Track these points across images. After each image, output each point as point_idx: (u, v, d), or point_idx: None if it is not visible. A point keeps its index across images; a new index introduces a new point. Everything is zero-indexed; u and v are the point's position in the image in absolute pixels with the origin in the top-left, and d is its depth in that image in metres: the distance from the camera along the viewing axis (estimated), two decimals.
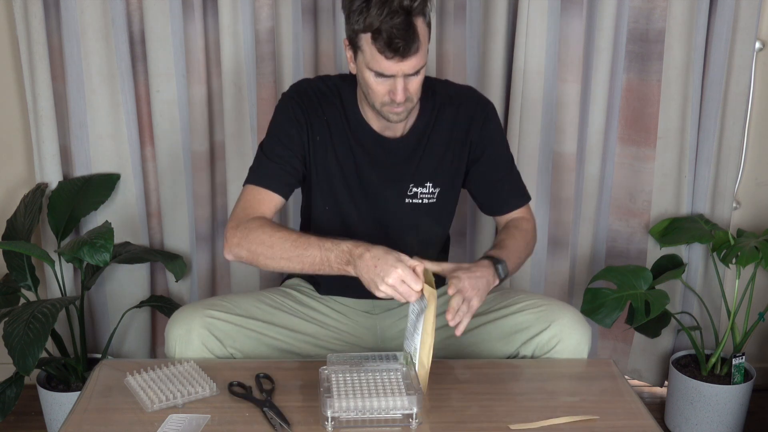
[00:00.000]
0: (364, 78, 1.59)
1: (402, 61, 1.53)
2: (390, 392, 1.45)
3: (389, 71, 1.55)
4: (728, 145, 2.38)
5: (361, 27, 1.53)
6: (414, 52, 1.53)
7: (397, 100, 1.57)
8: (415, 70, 1.56)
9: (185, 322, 1.65)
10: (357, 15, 1.53)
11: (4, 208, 2.44)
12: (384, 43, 1.51)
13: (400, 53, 1.51)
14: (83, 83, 2.25)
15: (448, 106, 1.75)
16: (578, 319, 1.69)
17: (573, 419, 1.45)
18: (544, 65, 2.26)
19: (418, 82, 1.59)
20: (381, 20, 1.49)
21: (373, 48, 1.53)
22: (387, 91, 1.58)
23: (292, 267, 1.59)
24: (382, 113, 1.64)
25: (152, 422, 1.42)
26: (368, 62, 1.56)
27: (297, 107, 1.71)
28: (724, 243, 2.27)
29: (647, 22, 2.29)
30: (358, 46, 1.57)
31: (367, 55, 1.55)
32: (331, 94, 1.73)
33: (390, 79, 1.57)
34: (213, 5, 2.25)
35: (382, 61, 1.53)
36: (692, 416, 2.35)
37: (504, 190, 1.83)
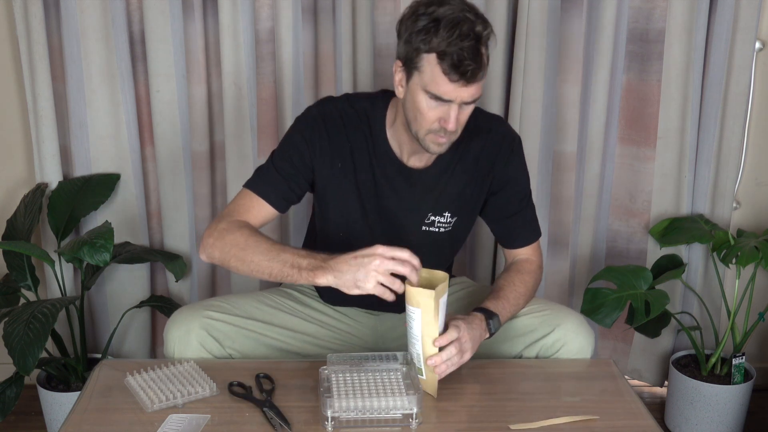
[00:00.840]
0: (416, 101, 1.53)
1: (465, 86, 1.48)
2: (390, 392, 1.45)
3: (448, 95, 1.49)
4: (728, 145, 2.38)
5: (425, 47, 1.47)
6: (479, 79, 1.49)
7: (449, 128, 1.52)
8: (473, 98, 1.51)
9: (184, 323, 1.65)
10: (423, 35, 1.48)
11: (4, 208, 2.44)
12: (451, 64, 1.46)
13: (466, 77, 1.47)
14: (83, 83, 2.25)
15: (475, 138, 1.70)
16: (582, 324, 1.70)
17: (573, 419, 1.45)
18: (544, 65, 2.26)
19: (468, 113, 1.55)
20: (450, 42, 1.45)
21: (437, 69, 1.47)
22: (438, 118, 1.53)
23: (260, 270, 1.54)
24: (423, 142, 1.57)
25: (152, 422, 1.42)
26: (426, 84, 1.50)
27: (316, 131, 1.66)
28: (724, 243, 2.27)
29: (647, 22, 2.29)
30: (417, 66, 1.51)
31: (426, 76, 1.50)
32: (358, 118, 1.67)
33: (444, 106, 1.51)
34: (213, 5, 2.25)
35: (445, 84, 1.48)
36: (692, 416, 2.35)
37: (517, 225, 1.80)
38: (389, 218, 1.72)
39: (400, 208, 1.71)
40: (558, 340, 1.67)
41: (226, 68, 2.25)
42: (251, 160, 2.32)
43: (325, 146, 1.66)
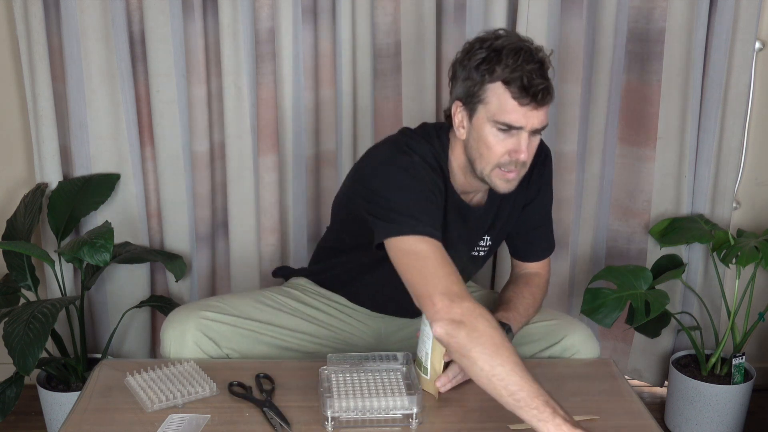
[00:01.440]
0: (482, 137, 1.50)
1: (535, 109, 1.46)
2: (390, 392, 1.45)
3: (519, 122, 1.46)
4: (728, 145, 2.38)
5: (489, 77, 1.45)
6: (549, 102, 1.47)
7: (521, 158, 1.48)
8: (542, 125, 1.49)
9: (179, 324, 1.65)
10: (485, 65, 1.46)
11: (4, 208, 2.44)
12: (520, 87, 1.43)
13: (537, 100, 1.44)
14: (83, 83, 2.25)
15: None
16: (590, 335, 1.72)
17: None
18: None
19: (536, 144, 1.52)
20: (515, 67, 1.44)
21: (506, 95, 1.45)
22: (507, 151, 1.49)
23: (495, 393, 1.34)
24: (490, 179, 1.53)
25: (152, 422, 1.42)
26: (494, 114, 1.47)
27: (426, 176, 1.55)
28: (724, 243, 2.27)
29: (647, 22, 2.29)
30: (481, 99, 1.48)
31: (493, 106, 1.47)
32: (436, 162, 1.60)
33: (513, 137, 1.48)
34: (213, 5, 2.25)
35: (515, 109, 1.45)
36: (692, 416, 2.35)
37: (536, 240, 1.80)
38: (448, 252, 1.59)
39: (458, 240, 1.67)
40: (567, 349, 1.69)
41: (226, 68, 2.25)
42: (251, 160, 2.32)
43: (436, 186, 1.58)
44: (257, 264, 2.40)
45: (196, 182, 2.37)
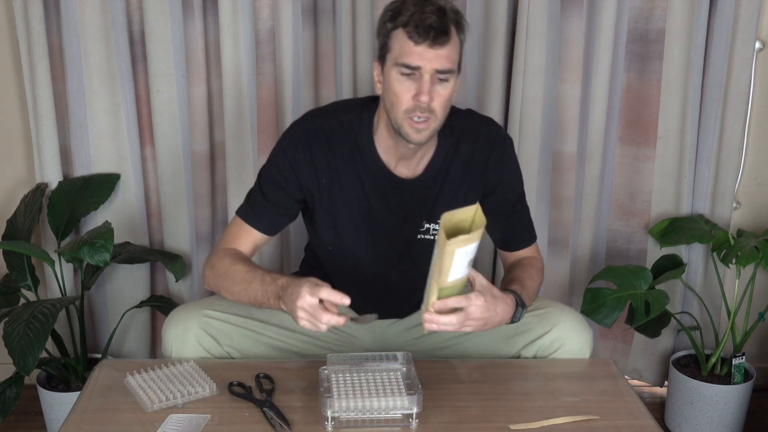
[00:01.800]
0: (390, 85, 1.54)
1: (431, 48, 1.48)
2: (390, 392, 1.45)
3: (417, 61, 1.49)
4: (728, 145, 2.38)
5: (392, 25, 1.51)
6: (443, 43, 1.49)
7: (422, 99, 1.51)
8: (443, 67, 1.51)
9: (181, 322, 1.65)
10: (390, 15, 1.52)
11: (4, 208, 2.44)
12: (415, 26, 1.48)
13: (430, 38, 1.48)
14: (83, 83, 2.25)
15: (465, 142, 1.69)
16: (580, 323, 1.70)
17: (573, 419, 1.45)
18: (544, 65, 2.26)
19: (444, 95, 1.54)
20: (414, 12, 1.49)
21: (404, 36, 1.50)
22: (412, 95, 1.53)
23: (241, 299, 1.63)
24: (402, 129, 1.56)
25: (152, 422, 1.42)
26: (396, 58, 1.52)
27: (300, 150, 1.65)
28: (724, 243, 2.27)
29: (647, 22, 2.29)
30: (389, 48, 1.53)
31: (395, 51, 1.52)
32: (344, 132, 1.66)
33: (416, 81, 1.52)
34: (213, 5, 2.25)
35: (411, 50, 1.49)
36: (692, 416, 2.35)
37: (513, 228, 1.79)
38: (382, 230, 1.71)
39: (393, 218, 1.70)
40: (556, 340, 1.66)
41: (226, 68, 2.25)
42: (251, 160, 2.32)
43: (309, 164, 1.66)
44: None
45: (196, 182, 2.37)
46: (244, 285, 1.60)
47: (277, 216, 1.71)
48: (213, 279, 1.68)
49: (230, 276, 1.63)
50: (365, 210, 1.69)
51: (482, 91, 2.36)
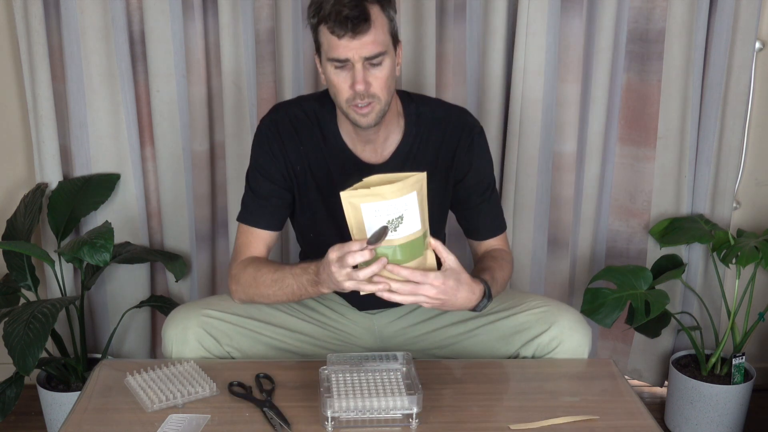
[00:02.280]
0: (328, 77, 1.57)
1: (353, 39, 1.49)
2: (390, 392, 1.45)
3: (343, 54, 1.51)
4: (728, 145, 2.38)
5: (315, 20, 1.53)
6: (365, 31, 1.49)
7: (357, 89, 1.52)
8: (372, 53, 1.51)
9: (181, 322, 1.65)
10: (313, 10, 1.54)
11: (4, 208, 2.44)
12: (333, 21, 1.49)
13: (350, 30, 1.48)
14: (83, 83, 2.25)
15: (434, 129, 1.70)
16: (579, 321, 1.70)
17: (573, 419, 1.45)
18: (544, 65, 2.26)
19: (381, 77, 1.55)
20: (332, 5, 1.49)
21: (327, 33, 1.51)
22: (348, 85, 1.54)
23: (281, 300, 1.67)
24: (350, 116, 1.58)
25: (152, 422, 1.42)
26: (326, 53, 1.54)
27: (273, 140, 1.69)
28: (724, 243, 2.27)
29: (647, 22, 2.29)
30: (320, 44, 1.56)
31: (324, 47, 1.54)
32: (308, 120, 1.69)
33: (349, 71, 1.53)
34: (213, 5, 2.25)
35: (336, 44, 1.51)
36: (692, 416, 2.35)
37: (481, 217, 1.79)
38: None
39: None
40: (555, 338, 1.66)
41: (226, 68, 2.25)
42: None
43: (282, 153, 1.69)
44: None
45: (196, 182, 2.37)
46: (278, 286, 1.63)
47: (274, 209, 1.73)
48: (242, 292, 1.70)
49: (260, 283, 1.66)
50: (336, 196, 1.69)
51: (482, 91, 2.36)
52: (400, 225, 1.38)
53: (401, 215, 1.37)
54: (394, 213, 1.37)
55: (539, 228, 2.42)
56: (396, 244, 1.40)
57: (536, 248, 2.43)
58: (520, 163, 2.35)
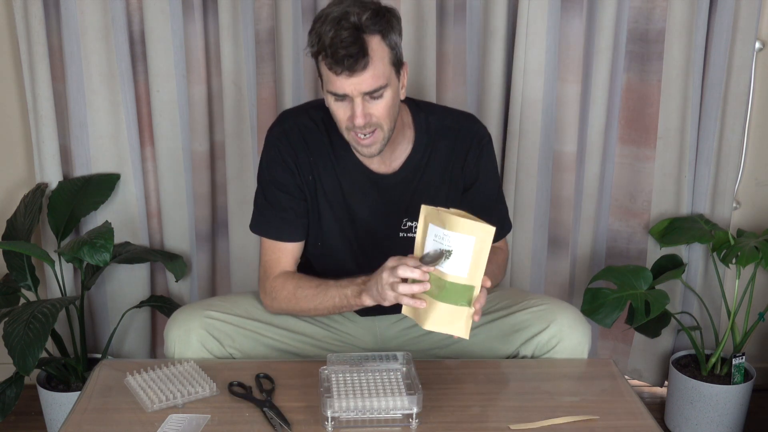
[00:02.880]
0: (329, 105, 1.56)
1: (351, 76, 1.48)
2: (390, 392, 1.45)
3: (341, 90, 1.50)
4: (728, 145, 2.38)
5: (314, 49, 1.51)
6: (363, 68, 1.47)
7: (356, 123, 1.51)
8: (371, 89, 1.50)
9: (184, 323, 1.65)
10: (311, 39, 1.51)
11: (4, 208, 2.44)
12: (330, 58, 1.47)
13: (346, 68, 1.46)
14: (83, 83, 2.25)
15: (443, 139, 1.70)
16: (578, 319, 1.69)
17: (573, 419, 1.45)
18: (544, 65, 2.26)
19: (382, 107, 1.53)
20: (330, 37, 1.46)
21: (324, 67, 1.50)
22: (347, 116, 1.54)
23: (321, 312, 1.67)
24: (352, 145, 1.58)
25: (152, 422, 1.42)
26: (326, 85, 1.53)
27: (285, 152, 1.67)
28: (724, 243, 2.27)
29: (647, 22, 2.29)
30: (319, 71, 1.54)
31: (324, 77, 1.53)
32: (317, 129, 1.68)
33: (348, 103, 1.52)
34: (213, 5, 2.25)
35: (334, 79, 1.49)
36: (692, 416, 2.35)
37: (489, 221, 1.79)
38: (364, 226, 1.72)
39: (373, 215, 1.71)
40: (554, 336, 1.66)
41: (226, 68, 2.25)
42: (251, 160, 2.32)
43: (295, 162, 1.68)
44: (257, 264, 2.40)
45: (196, 182, 2.37)
46: (319, 299, 1.64)
47: (295, 220, 1.71)
48: (282, 306, 1.71)
49: (300, 298, 1.67)
50: (344, 206, 1.70)
51: (482, 91, 2.36)
52: (446, 260, 1.39)
53: (451, 250, 1.38)
54: (446, 244, 1.38)
55: (539, 228, 2.42)
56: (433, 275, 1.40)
57: (536, 248, 2.43)
58: (520, 163, 2.35)
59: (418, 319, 1.43)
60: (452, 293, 1.39)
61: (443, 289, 1.39)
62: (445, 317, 1.40)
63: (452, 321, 1.40)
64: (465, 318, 1.40)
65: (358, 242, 1.73)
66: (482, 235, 1.36)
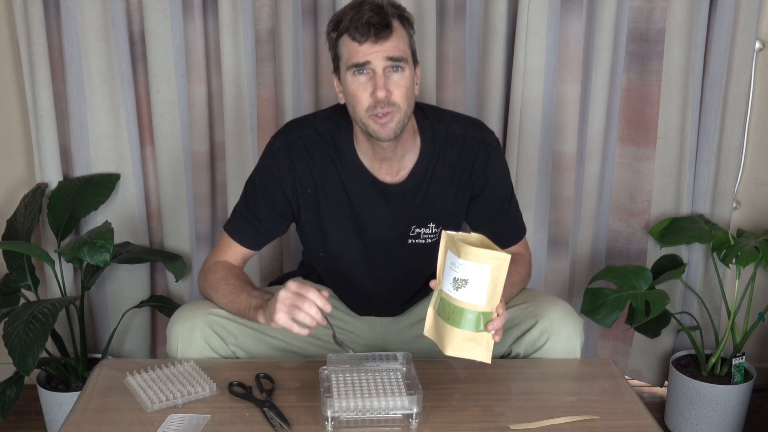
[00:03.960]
0: (347, 88, 1.57)
1: (375, 43, 1.51)
2: (390, 392, 1.45)
3: (365, 57, 1.52)
4: (728, 145, 2.38)
5: (337, 36, 1.55)
6: (387, 36, 1.51)
7: (378, 96, 1.52)
8: (395, 55, 1.52)
9: (188, 320, 1.65)
10: (332, 26, 1.56)
11: (4, 208, 2.44)
12: (355, 27, 1.51)
13: (372, 34, 1.50)
14: (83, 83, 2.25)
15: (450, 147, 1.70)
16: (567, 313, 1.69)
17: (573, 419, 1.45)
18: (544, 65, 2.26)
19: (402, 85, 1.55)
20: (353, 17, 1.52)
21: (349, 42, 1.53)
22: (369, 93, 1.54)
23: (230, 310, 1.66)
24: (369, 128, 1.57)
25: (152, 422, 1.42)
26: (347, 61, 1.54)
27: (282, 164, 1.68)
28: (724, 243, 2.27)
29: (647, 22, 2.29)
30: (339, 56, 1.56)
31: (345, 56, 1.55)
32: (323, 141, 1.68)
33: (370, 78, 1.54)
34: (213, 5, 2.25)
35: (357, 50, 1.52)
36: (692, 416, 2.35)
37: (501, 226, 1.79)
38: (370, 235, 1.72)
39: (381, 224, 1.71)
40: (544, 332, 1.66)
41: (226, 68, 2.25)
42: (251, 160, 2.32)
43: (292, 177, 1.68)
44: (257, 264, 2.40)
45: (196, 182, 2.37)
46: (231, 298, 1.64)
47: (263, 230, 1.74)
48: (205, 289, 1.73)
49: (220, 289, 1.67)
50: (352, 216, 1.70)
51: (482, 91, 2.36)
52: (463, 288, 1.39)
53: (467, 279, 1.38)
54: (462, 273, 1.39)
55: (539, 228, 2.42)
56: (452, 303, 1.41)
57: (536, 248, 2.43)
58: (520, 163, 2.35)
59: (440, 344, 1.45)
60: (471, 320, 1.41)
61: (462, 317, 1.41)
62: (465, 343, 1.42)
63: (473, 346, 1.42)
64: (485, 343, 1.43)
65: (366, 251, 1.73)
66: (497, 263, 1.38)
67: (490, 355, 1.42)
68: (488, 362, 1.42)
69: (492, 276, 1.37)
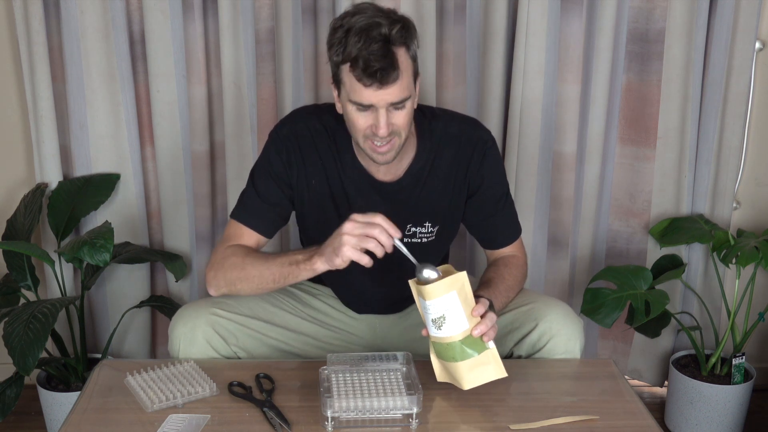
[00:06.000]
0: (348, 114, 1.56)
1: (381, 89, 1.48)
2: (390, 392, 1.46)
3: (368, 100, 1.50)
4: (728, 145, 2.38)
5: (340, 58, 1.50)
6: (393, 81, 1.48)
7: (379, 134, 1.52)
8: (398, 99, 1.51)
9: (190, 320, 1.65)
10: (337, 46, 1.51)
11: (4, 208, 2.44)
12: (361, 70, 1.47)
13: (377, 80, 1.47)
14: (83, 83, 2.25)
15: (446, 146, 1.70)
16: (567, 314, 1.69)
17: (573, 419, 1.45)
18: (544, 65, 2.26)
19: (404, 116, 1.54)
20: (359, 48, 1.46)
21: (352, 77, 1.49)
22: (369, 125, 1.53)
23: (264, 279, 1.60)
24: (366, 151, 1.58)
25: (152, 422, 1.42)
26: (349, 94, 1.52)
27: (292, 151, 1.67)
28: (724, 243, 2.27)
29: (647, 22, 2.29)
30: (340, 80, 1.54)
31: (347, 86, 1.52)
32: (327, 134, 1.68)
33: (372, 112, 1.52)
34: (213, 5, 2.25)
35: (362, 90, 1.49)
36: (692, 416, 2.35)
37: (496, 226, 1.79)
38: None
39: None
40: (544, 334, 1.66)
41: (226, 68, 2.25)
42: (251, 160, 2.31)
43: (300, 165, 1.67)
44: None
45: (196, 182, 2.37)
46: (268, 264, 1.59)
47: (275, 215, 1.72)
48: (224, 276, 1.64)
49: (248, 264, 1.62)
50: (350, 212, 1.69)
51: (482, 91, 2.36)
52: (444, 324, 1.43)
53: (443, 315, 1.42)
54: (435, 312, 1.43)
55: (539, 228, 2.42)
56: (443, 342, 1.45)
57: (536, 248, 2.43)
58: (520, 163, 2.35)
59: (456, 384, 1.48)
60: (468, 348, 1.44)
61: (458, 350, 1.44)
62: (475, 371, 1.46)
63: (483, 370, 1.46)
64: (492, 359, 1.46)
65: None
66: (459, 285, 1.42)
67: (502, 367, 1.46)
68: (505, 375, 1.46)
69: (461, 298, 1.42)
